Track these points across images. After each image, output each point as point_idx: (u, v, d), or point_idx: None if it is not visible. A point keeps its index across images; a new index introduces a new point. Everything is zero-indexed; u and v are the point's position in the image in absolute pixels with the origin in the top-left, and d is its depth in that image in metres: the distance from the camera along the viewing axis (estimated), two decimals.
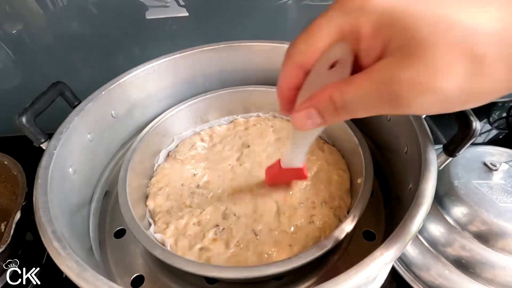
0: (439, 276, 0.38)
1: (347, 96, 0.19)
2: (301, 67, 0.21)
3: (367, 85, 0.18)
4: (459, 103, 0.17)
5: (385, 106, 0.18)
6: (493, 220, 0.35)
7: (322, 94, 0.20)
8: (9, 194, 0.49)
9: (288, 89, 0.23)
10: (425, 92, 0.16)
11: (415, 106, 0.17)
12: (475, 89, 0.16)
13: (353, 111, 0.19)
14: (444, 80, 0.16)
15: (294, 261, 0.28)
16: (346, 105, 0.19)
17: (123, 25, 0.57)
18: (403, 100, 0.17)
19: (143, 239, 0.32)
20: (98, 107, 0.41)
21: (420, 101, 0.16)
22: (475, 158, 0.41)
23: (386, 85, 0.17)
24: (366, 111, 0.19)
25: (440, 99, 0.16)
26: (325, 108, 0.20)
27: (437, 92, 0.16)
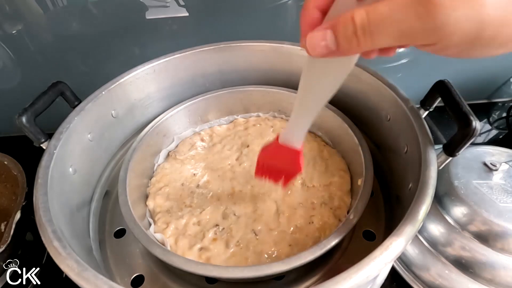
0: (439, 276, 0.38)
1: (373, 13, 0.17)
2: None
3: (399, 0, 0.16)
4: (493, 32, 0.16)
5: (417, 21, 0.16)
6: (493, 220, 0.35)
7: (344, 15, 0.17)
8: (9, 194, 0.49)
9: (314, 9, 0.20)
10: (466, 3, 0.15)
11: (452, 20, 0.15)
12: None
13: (376, 33, 0.17)
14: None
15: (294, 261, 0.28)
16: (370, 24, 0.17)
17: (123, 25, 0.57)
18: (440, 10, 0.15)
19: (143, 239, 0.32)
20: (98, 107, 0.41)
21: (457, 14, 0.15)
22: (475, 158, 0.41)
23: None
24: (392, 33, 0.17)
25: (478, 15, 0.15)
26: (343, 30, 0.18)
27: (480, 6, 0.15)
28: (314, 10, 0.20)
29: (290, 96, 0.47)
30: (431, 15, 0.15)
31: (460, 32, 0.16)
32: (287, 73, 0.49)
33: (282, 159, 0.32)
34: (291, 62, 0.48)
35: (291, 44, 0.47)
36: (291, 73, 0.49)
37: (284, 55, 0.48)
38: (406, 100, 0.37)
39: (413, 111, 0.36)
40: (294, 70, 0.49)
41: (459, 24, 0.15)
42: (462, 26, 0.15)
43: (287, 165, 0.32)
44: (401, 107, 0.37)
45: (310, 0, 0.20)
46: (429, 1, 0.15)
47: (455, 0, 0.15)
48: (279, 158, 0.32)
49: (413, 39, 0.17)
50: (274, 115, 0.50)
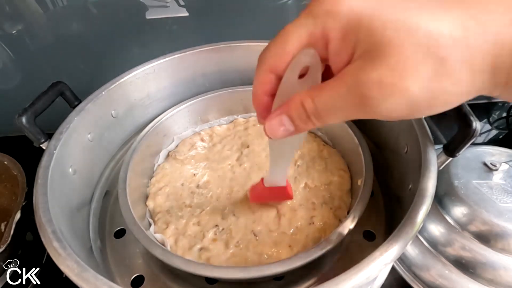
0: (439, 276, 0.38)
1: (318, 102, 0.19)
2: (273, 71, 0.21)
3: (338, 89, 0.18)
4: (426, 105, 0.17)
5: (355, 109, 0.18)
6: (493, 220, 0.35)
7: (293, 101, 0.20)
8: (9, 194, 0.49)
9: (263, 95, 0.23)
10: (393, 92, 0.17)
11: (384, 107, 0.17)
12: (440, 89, 0.17)
13: (325, 117, 0.19)
14: (410, 79, 0.16)
15: (294, 261, 0.28)
16: (318, 111, 0.19)
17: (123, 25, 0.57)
18: (373, 101, 0.17)
19: (143, 239, 0.32)
20: (98, 107, 0.41)
21: (388, 102, 0.17)
22: (475, 158, 0.41)
23: (356, 87, 0.17)
24: (338, 116, 0.19)
25: (407, 100, 0.17)
26: (297, 115, 0.20)
27: (404, 92, 0.17)
28: (262, 96, 0.23)
29: None
30: (365, 106, 0.17)
31: (396, 114, 0.18)
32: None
33: (271, 195, 0.35)
34: None
35: None
36: None
37: None
38: None
39: None
40: None
41: (393, 109, 0.17)
42: (396, 110, 0.17)
43: (277, 197, 0.36)
44: None
45: (257, 87, 0.22)
46: (361, 94, 0.17)
47: (383, 90, 0.17)
48: (268, 194, 0.35)
49: (359, 117, 0.19)
50: None
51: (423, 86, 0.16)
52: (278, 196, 0.36)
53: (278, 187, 0.34)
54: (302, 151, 0.44)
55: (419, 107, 0.17)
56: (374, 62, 0.17)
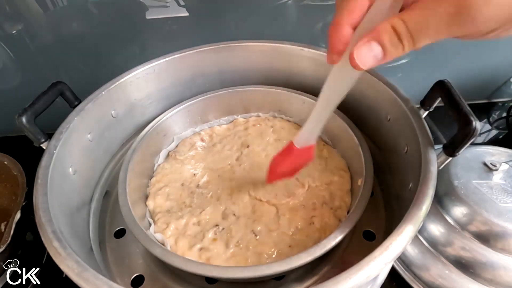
0: (439, 276, 0.38)
1: (410, 22, 0.18)
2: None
3: (430, 3, 0.18)
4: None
5: (450, 22, 0.17)
6: (493, 220, 0.35)
7: (383, 26, 0.19)
8: (9, 194, 0.49)
9: (347, 25, 0.22)
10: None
11: (484, 12, 0.16)
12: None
13: (418, 37, 0.19)
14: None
15: (294, 261, 0.28)
16: (410, 32, 0.19)
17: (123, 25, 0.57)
18: (472, 6, 0.16)
19: (143, 239, 0.32)
20: (98, 107, 0.41)
21: (490, 6, 0.16)
22: (475, 158, 0.41)
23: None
24: (431, 34, 0.18)
25: (510, 5, 0.16)
26: (388, 39, 0.19)
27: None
28: (346, 27, 0.22)
29: (290, 96, 0.47)
30: (462, 15, 0.17)
31: (495, 21, 0.17)
32: (287, 73, 0.49)
33: (296, 160, 0.34)
34: (291, 62, 0.48)
35: (291, 44, 0.47)
36: (291, 73, 0.49)
37: (284, 55, 0.48)
38: (406, 100, 0.37)
39: (413, 111, 0.36)
40: (294, 70, 0.49)
41: (493, 14, 0.16)
42: (497, 15, 0.17)
43: (301, 161, 0.35)
44: (401, 107, 0.37)
45: (342, 17, 0.22)
46: (458, 2, 0.17)
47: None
48: (293, 161, 0.34)
49: (451, 35, 0.18)
50: (274, 115, 0.50)
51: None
52: (301, 160, 0.35)
53: (306, 148, 0.33)
54: None
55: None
56: None
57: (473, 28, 0.17)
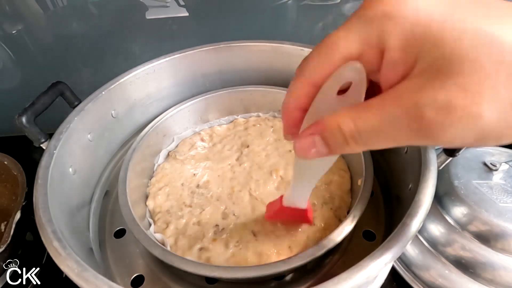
0: (439, 276, 0.38)
1: (361, 124, 0.16)
2: (313, 84, 0.18)
3: (390, 110, 0.15)
4: (497, 136, 0.15)
5: (411, 135, 0.15)
6: (493, 220, 0.35)
7: (329, 121, 0.17)
8: (9, 194, 0.49)
9: (296, 110, 0.20)
10: (462, 118, 0.14)
11: (448, 135, 0.14)
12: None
13: (369, 142, 0.16)
14: (486, 105, 0.13)
15: (294, 261, 0.28)
16: (360, 135, 0.16)
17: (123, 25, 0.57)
18: (436, 127, 0.14)
19: (143, 239, 0.32)
20: (98, 107, 0.41)
21: (454, 130, 0.14)
22: (475, 158, 0.41)
23: (416, 110, 0.14)
24: (385, 142, 0.16)
25: (477, 128, 0.14)
26: (332, 137, 0.17)
27: (476, 119, 0.14)
28: (294, 111, 0.20)
29: None
30: (424, 132, 0.15)
31: (460, 142, 0.15)
32: (287, 73, 0.49)
33: (288, 215, 0.33)
34: (291, 62, 0.48)
35: (291, 44, 0.47)
36: (291, 73, 0.49)
37: (284, 55, 0.48)
38: None
39: None
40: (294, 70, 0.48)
41: (457, 137, 0.15)
42: (461, 138, 0.15)
43: (296, 218, 0.33)
44: None
45: (290, 102, 0.20)
46: (422, 118, 0.14)
47: (451, 115, 0.14)
48: (285, 214, 0.32)
49: (411, 144, 0.16)
50: (274, 115, 0.50)
51: (498, 116, 0.14)
52: (296, 218, 0.33)
53: (297, 209, 0.31)
54: None
55: (489, 137, 0.15)
56: (442, 80, 0.14)
57: (436, 144, 0.16)
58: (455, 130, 0.14)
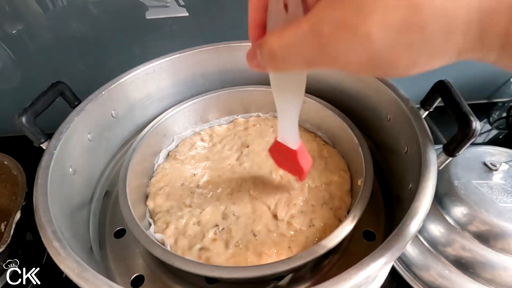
0: (439, 276, 0.38)
1: (282, 41, 0.17)
2: (262, 3, 0.21)
3: (301, 27, 0.16)
4: (388, 61, 0.15)
5: (315, 53, 0.16)
6: (493, 220, 0.35)
7: (265, 37, 0.19)
8: (9, 194, 0.49)
9: (255, 28, 0.22)
10: (353, 36, 0.15)
11: (342, 53, 0.15)
12: (407, 43, 0.14)
13: (287, 59, 0.18)
14: (375, 24, 0.14)
15: (294, 261, 0.28)
16: (281, 51, 0.18)
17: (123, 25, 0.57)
18: (331, 44, 0.15)
19: (143, 239, 0.32)
20: (98, 107, 0.41)
21: (347, 48, 0.15)
22: (475, 158, 0.41)
23: (318, 27, 0.15)
24: (297, 60, 0.17)
25: (367, 49, 0.15)
26: (264, 53, 0.19)
27: (365, 38, 0.14)
28: (255, 29, 0.22)
29: None
30: (324, 49, 0.16)
31: (355, 65, 0.16)
32: None
33: (285, 158, 0.33)
34: None
35: None
36: None
37: None
38: (406, 100, 0.37)
39: (413, 111, 0.36)
40: None
41: (352, 58, 0.15)
42: (355, 60, 0.15)
43: (292, 163, 0.33)
44: (401, 107, 0.37)
45: (250, 21, 0.22)
46: (321, 35, 0.15)
47: (343, 32, 0.15)
48: (282, 153, 0.33)
49: (319, 66, 0.17)
50: (274, 115, 0.50)
51: (387, 36, 0.14)
52: (291, 161, 0.33)
53: (289, 152, 0.32)
54: None
55: (380, 61, 0.15)
56: (340, 0, 0.15)
57: (336, 66, 0.16)
58: (348, 48, 0.15)
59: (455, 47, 0.14)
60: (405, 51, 0.15)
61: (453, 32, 0.14)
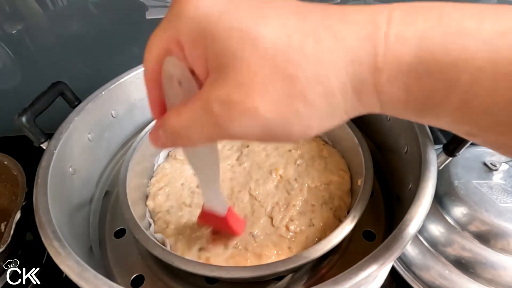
0: (439, 276, 0.38)
1: (180, 121, 0.17)
2: (155, 77, 0.19)
3: (194, 107, 0.16)
4: (282, 130, 0.15)
5: (212, 130, 0.16)
6: (493, 220, 0.35)
7: (166, 116, 0.18)
8: (9, 194, 0.49)
9: (156, 105, 0.21)
10: (242, 112, 0.15)
11: (237, 128, 0.15)
12: (293, 112, 0.15)
13: (187, 138, 0.17)
14: (259, 99, 0.14)
15: (294, 261, 0.28)
16: (180, 131, 0.17)
17: (123, 25, 0.57)
18: (224, 122, 0.15)
19: (143, 239, 0.32)
20: (98, 107, 0.41)
21: (239, 123, 0.15)
22: (475, 158, 0.41)
23: (208, 105, 0.15)
24: (198, 137, 0.17)
25: (260, 123, 0.15)
26: (166, 132, 0.18)
27: (254, 113, 0.15)
28: (156, 106, 0.21)
29: None
30: (218, 126, 0.16)
31: (253, 137, 0.16)
32: None
33: (214, 221, 0.33)
34: None
35: None
36: None
37: None
38: None
39: None
40: None
41: (247, 131, 0.15)
42: (251, 132, 0.15)
43: (225, 227, 0.33)
44: None
45: (149, 97, 0.21)
46: (212, 112, 0.15)
47: (231, 109, 0.15)
48: (210, 220, 0.33)
49: (222, 139, 0.17)
50: None
51: (274, 108, 0.14)
52: (222, 228, 0.33)
53: (219, 219, 0.31)
54: (301, 151, 0.44)
55: (276, 131, 0.15)
56: (224, 75, 0.15)
57: (236, 139, 0.16)
58: (240, 124, 0.15)
59: (340, 108, 0.15)
60: (295, 119, 0.15)
61: (333, 96, 0.14)
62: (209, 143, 0.18)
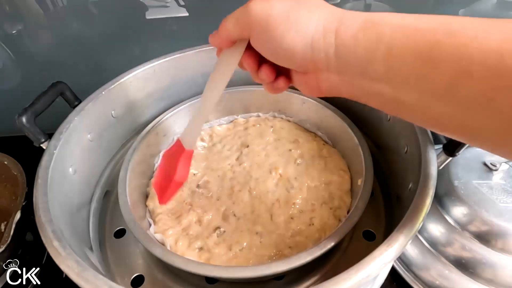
0: (439, 276, 0.38)
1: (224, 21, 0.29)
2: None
3: None
4: (277, 23, 0.22)
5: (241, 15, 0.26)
6: (493, 220, 0.35)
7: None
8: (9, 194, 0.49)
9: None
10: (246, 9, 0.25)
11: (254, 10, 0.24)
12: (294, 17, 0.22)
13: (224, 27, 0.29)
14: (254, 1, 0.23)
15: (294, 261, 0.28)
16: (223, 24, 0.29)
17: (123, 25, 0.57)
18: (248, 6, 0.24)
19: (143, 239, 0.32)
20: (98, 107, 0.41)
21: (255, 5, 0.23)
22: (475, 158, 0.41)
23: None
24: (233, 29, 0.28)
25: (267, 10, 0.23)
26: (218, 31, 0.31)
27: (248, 11, 0.24)
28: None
29: (290, 96, 0.47)
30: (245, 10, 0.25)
31: (258, 22, 0.23)
32: None
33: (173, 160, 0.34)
34: None
35: None
36: None
37: None
38: None
39: None
40: None
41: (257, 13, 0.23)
42: (259, 15, 0.23)
43: (171, 168, 0.34)
44: None
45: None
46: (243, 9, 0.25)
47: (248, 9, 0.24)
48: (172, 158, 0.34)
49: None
50: (274, 115, 0.50)
51: (282, 8, 0.22)
52: (169, 170, 0.34)
53: (178, 154, 0.33)
54: (301, 150, 0.44)
55: (272, 22, 0.23)
56: None
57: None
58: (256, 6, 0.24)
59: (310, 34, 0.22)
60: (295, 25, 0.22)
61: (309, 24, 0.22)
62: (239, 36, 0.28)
